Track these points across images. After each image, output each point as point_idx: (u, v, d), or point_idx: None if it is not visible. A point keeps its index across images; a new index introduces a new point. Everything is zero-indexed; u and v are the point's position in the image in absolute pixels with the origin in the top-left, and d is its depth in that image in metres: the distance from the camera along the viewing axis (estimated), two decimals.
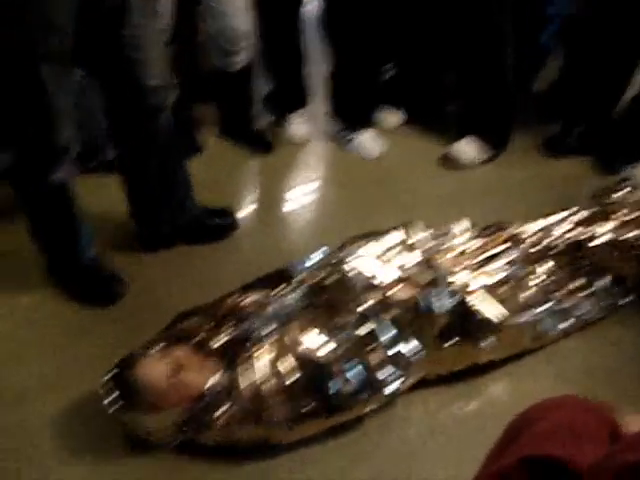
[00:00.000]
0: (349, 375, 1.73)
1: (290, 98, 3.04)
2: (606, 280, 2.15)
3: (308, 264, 2.06)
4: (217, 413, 1.67)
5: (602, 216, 2.23)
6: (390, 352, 1.78)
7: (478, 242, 2.13)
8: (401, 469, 1.74)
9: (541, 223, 2.23)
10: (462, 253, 2.10)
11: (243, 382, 1.69)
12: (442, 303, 1.86)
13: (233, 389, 1.68)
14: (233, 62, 2.71)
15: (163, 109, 2.08)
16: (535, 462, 0.65)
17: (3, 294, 2.22)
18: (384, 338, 1.78)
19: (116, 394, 1.67)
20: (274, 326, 1.80)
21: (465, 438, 1.80)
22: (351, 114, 2.99)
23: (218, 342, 1.77)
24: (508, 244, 2.12)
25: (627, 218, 2.21)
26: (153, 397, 1.66)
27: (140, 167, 2.22)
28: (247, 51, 2.71)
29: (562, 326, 2.06)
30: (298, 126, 3.04)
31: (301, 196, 2.79)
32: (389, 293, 1.84)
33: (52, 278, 2.23)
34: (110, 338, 2.04)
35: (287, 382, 1.69)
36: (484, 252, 2.09)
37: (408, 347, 1.80)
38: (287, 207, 2.72)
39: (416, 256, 1.97)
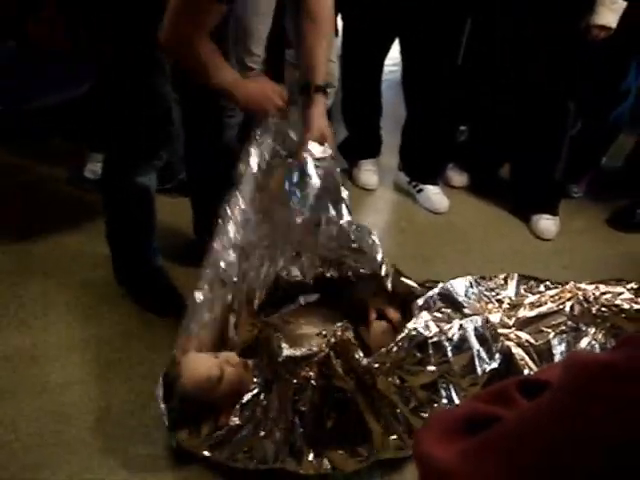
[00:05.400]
0: None
1: (364, 146, 3.12)
2: None
3: None
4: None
5: None
6: None
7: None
8: None
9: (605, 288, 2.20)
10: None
11: None
12: None
13: None
14: None
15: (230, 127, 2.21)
16: None
17: (71, 289, 2.32)
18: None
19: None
20: None
21: None
22: (420, 169, 3.04)
23: None
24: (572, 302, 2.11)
25: None
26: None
27: (205, 185, 2.34)
28: (330, 97, 2.79)
29: None
30: (369, 173, 3.10)
31: None
32: None
33: (118, 280, 2.30)
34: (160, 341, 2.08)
35: None
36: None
37: None
38: None
39: None
